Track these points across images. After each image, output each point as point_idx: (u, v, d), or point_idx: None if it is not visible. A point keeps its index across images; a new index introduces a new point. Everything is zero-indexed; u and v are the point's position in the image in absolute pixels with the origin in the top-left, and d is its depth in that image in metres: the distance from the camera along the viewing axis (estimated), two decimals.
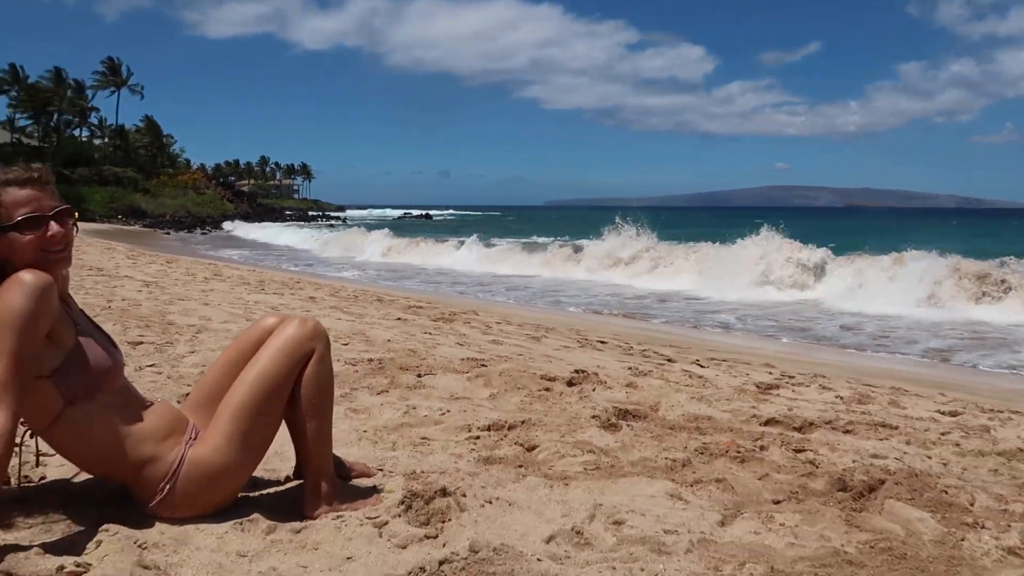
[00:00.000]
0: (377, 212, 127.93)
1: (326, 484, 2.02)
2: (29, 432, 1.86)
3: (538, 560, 1.78)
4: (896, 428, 3.32)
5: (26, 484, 2.03)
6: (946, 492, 2.41)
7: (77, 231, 1.84)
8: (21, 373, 1.62)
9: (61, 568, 1.61)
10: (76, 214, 1.84)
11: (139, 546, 1.74)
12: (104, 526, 1.81)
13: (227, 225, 53.90)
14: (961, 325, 10.36)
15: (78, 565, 1.62)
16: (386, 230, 29.88)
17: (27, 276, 1.66)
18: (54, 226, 1.75)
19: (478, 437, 2.81)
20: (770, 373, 5.16)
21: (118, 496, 1.98)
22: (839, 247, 17.31)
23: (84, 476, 2.10)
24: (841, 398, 4.14)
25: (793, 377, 4.95)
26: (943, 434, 3.29)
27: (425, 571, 1.71)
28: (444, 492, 2.08)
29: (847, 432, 3.21)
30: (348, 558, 1.76)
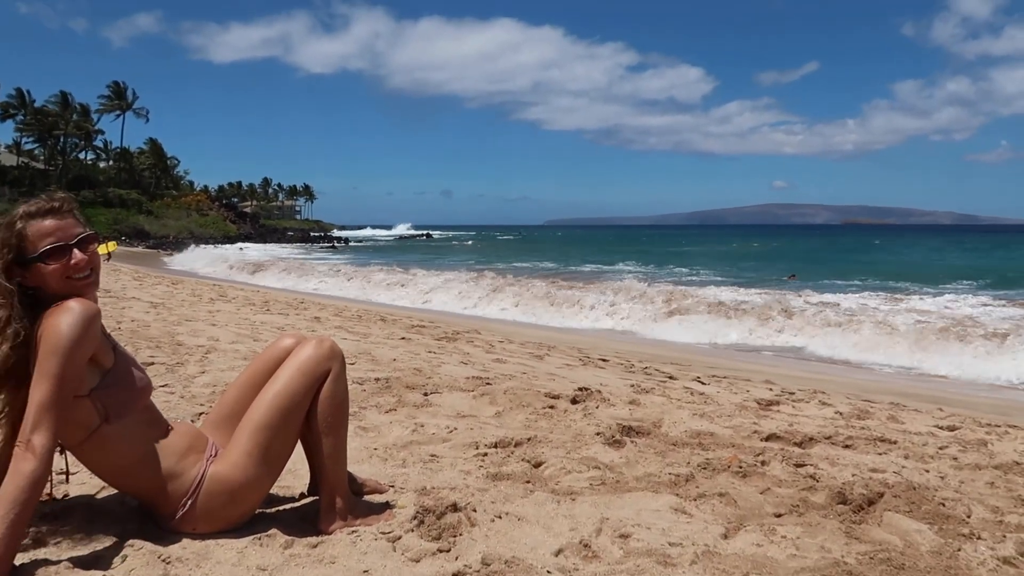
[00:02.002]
0: (381, 232, 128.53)
1: (341, 500, 2.08)
2: (59, 449, 1.93)
3: (548, 572, 1.85)
4: (895, 443, 3.38)
5: (51, 501, 2.09)
6: (943, 504, 2.47)
7: (110, 257, 1.93)
8: (62, 396, 1.70)
9: None
10: (104, 240, 1.93)
11: (163, 560, 1.81)
12: (129, 541, 1.87)
13: (192, 247, 52.18)
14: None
15: None
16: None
17: (75, 304, 1.74)
18: (77, 254, 1.82)
19: (486, 454, 2.88)
20: (770, 390, 5.23)
21: (140, 512, 2.05)
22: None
23: (106, 493, 2.18)
24: (840, 414, 4.20)
25: (793, 393, 5.01)
26: (941, 448, 3.35)
27: None
28: (455, 507, 2.15)
29: (847, 447, 3.28)
30: (364, 571, 1.83)
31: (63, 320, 1.72)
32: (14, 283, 1.77)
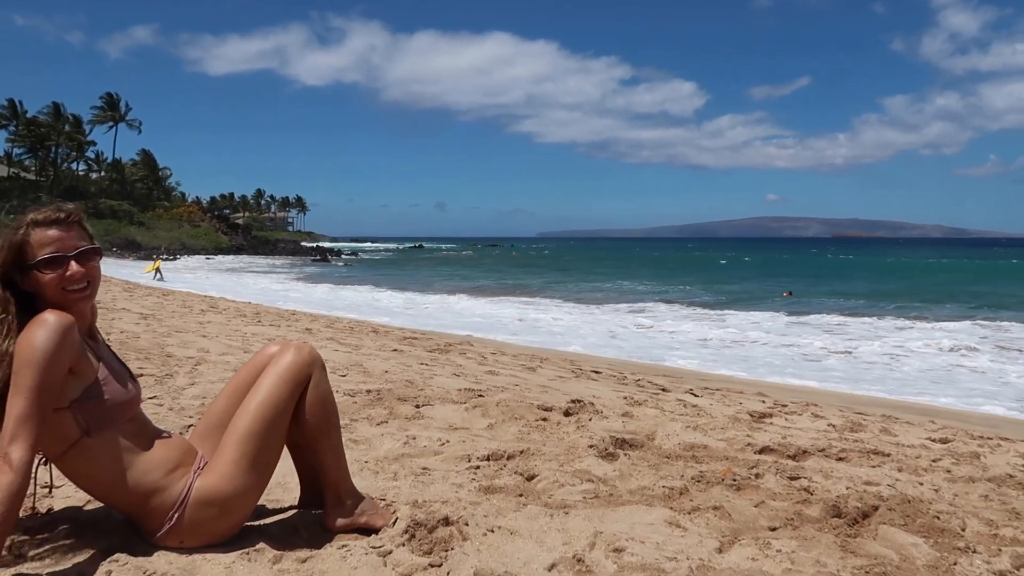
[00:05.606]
0: (373, 245, 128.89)
1: (345, 495, 2.08)
2: (43, 461, 1.89)
3: None
4: (888, 455, 3.37)
5: (35, 515, 2.05)
6: (938, 518, 2.45)
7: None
8: (40, 408, 1.67)
9: None
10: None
11: None
12: (114, 556, 1.84)
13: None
14: None
15: None
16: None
17: (49, 316, 1.72)
18: (73, 266, 1.81)
19: (478, 467, 2.85)
20: (763, 402, 5.22)
21: (125, 527, 2.01)
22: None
23: (92, 506, 2.14)
24: (834, 426, 4.19)
25: (786, 406, 5.00)
26: (934, 461, 3.34)
27: None
28: (447, 521, 2.12)
29: (840, 460, 3.26)
30: None
31: (37, 333, 1.69)
32: (11, 288, 1.77)
